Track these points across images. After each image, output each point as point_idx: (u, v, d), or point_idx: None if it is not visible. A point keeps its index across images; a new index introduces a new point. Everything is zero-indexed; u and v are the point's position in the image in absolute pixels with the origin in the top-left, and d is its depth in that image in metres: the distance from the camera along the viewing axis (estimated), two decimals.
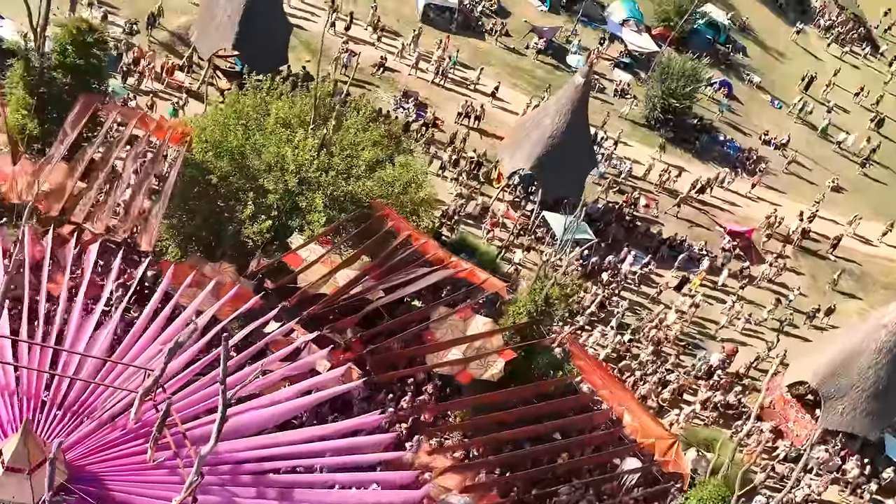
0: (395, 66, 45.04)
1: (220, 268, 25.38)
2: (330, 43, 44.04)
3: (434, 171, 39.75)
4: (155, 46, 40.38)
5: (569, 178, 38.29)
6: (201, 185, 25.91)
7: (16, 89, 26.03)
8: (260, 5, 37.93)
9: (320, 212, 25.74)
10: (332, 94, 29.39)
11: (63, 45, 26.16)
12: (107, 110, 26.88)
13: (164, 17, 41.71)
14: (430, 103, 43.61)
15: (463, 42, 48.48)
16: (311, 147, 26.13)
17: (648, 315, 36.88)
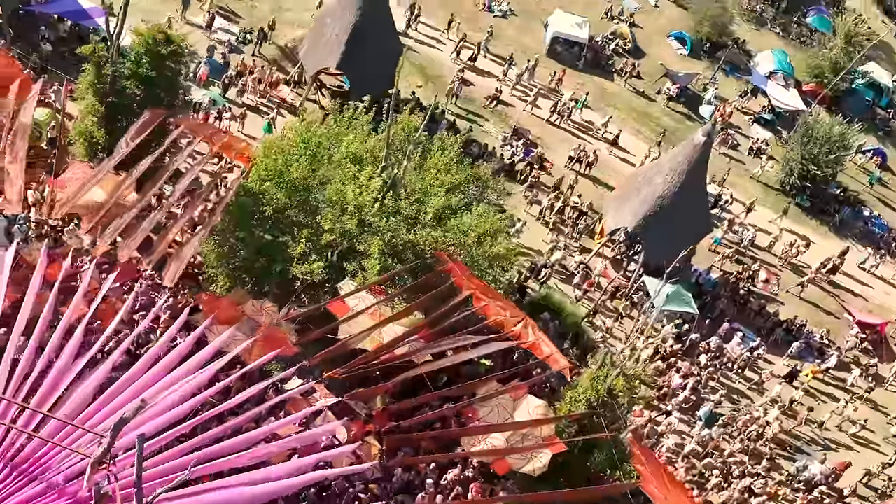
0: (511, 100, 42.55)
1: (261, 306, 23.65)
2: (445, 70, 42.25)
3: (533, 214, 37.12)
4: (260, 59, 39.43)
5: (677, 243, 34.63)
6: (255, 215, 24.24)
7: (86, 95, 25.21)
8: (369, 26, 36.34)
9: (376, 259, 23.59)
10: (417, 129, 27.19)
11: (138, 55, 25.19)
12: (176, 124, 25.78)
13: (277, 31, 40.83)
14: (540, 143, 40.90)
15: (588, 80, 45.50)
16: (373, 189, 24.00)
17: (747, 407, 32.78)
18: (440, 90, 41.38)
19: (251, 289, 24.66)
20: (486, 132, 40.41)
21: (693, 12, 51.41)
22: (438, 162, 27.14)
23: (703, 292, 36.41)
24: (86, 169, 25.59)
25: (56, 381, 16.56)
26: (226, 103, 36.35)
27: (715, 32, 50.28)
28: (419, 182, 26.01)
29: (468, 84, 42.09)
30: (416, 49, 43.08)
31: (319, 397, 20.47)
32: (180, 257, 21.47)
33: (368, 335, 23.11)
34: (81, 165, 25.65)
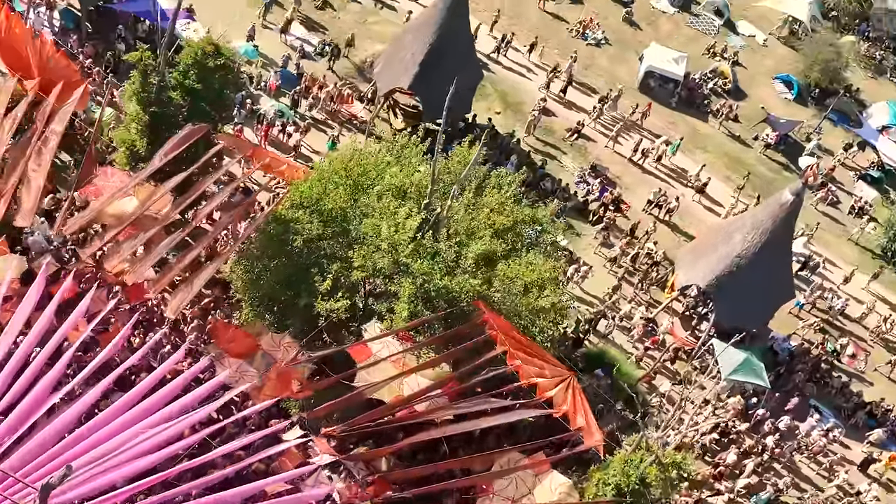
0: (593, 134, 40.29)
1: (280, 341, 22.33)
2: (527, 97, 40.40)
3: (603, 256, 34.89)
4: (333, 74, 38.33)
5: (753, 307, 31.91)
6: (286, 243, 22.90)
7: (130, 102, 24.44)
8: (447, 47, 34.78)
9: (406, 303, 21.92)
10: (474, 163, 25.41)
11: (185, 66, 24.28)
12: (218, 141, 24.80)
13: (357, 45, 39.70)
14: (619, 182, 38.54)
15: (679, 119, 42.83)
16: (410, 228, 22.33)
17: (815, 497, 29.68)
18: (519, 119, 39.55)
19: (274, 320, 23.36)
20: (562, 166, 38.32)
21: (804, 54, 48.00)
22: (492, 200, 25.31)
23: (779, 362, 33.40)
24: (124, 178, 24.81)
25: (25, 413, 15.46)
26: (293, 116, 35.37)
27: (826, 78, 46.75)
28: (466, 222, 24.20)
29: (549, 114, 40.10)
30: (500, 74, 41.35)
31: (318, 452, 18.91)
32: (189, 288, 20.23)
33: (387, 385, 21.55)
34: (120, 174, 24.89)
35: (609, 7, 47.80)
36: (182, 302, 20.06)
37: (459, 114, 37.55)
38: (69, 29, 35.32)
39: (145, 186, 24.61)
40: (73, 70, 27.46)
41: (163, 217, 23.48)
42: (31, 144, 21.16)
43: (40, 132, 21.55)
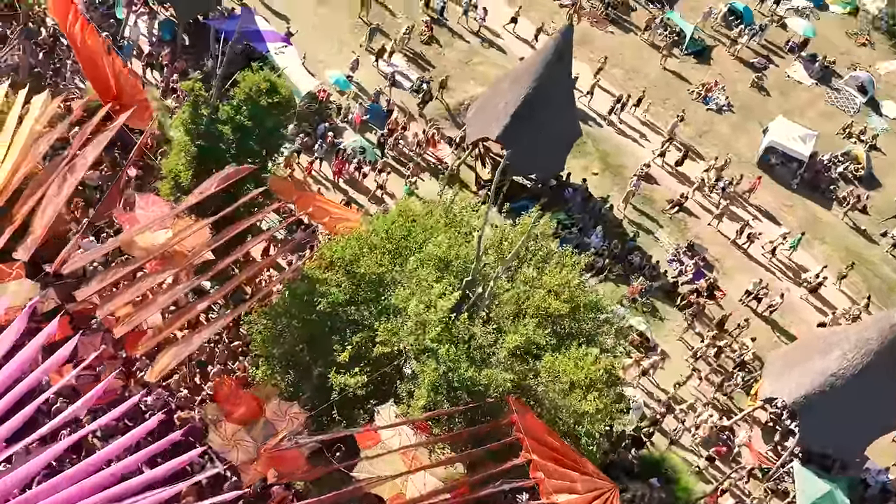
0: (696, 209, 36.95)
1: (287, 410, 20.47)
2: (630, 161, 37.55)
3: (685, 344, 31.69)
4: (424, 114, 36.55)
5: (847, 433, 27.98)
6: (312, 304, 21.05)
7: (178, 131, 23.26)
8: (544, 100, 32.42)
9: (424, 391, 19.69)
10: (530, 239, 23.00)
11: (239, 101, 22.93)
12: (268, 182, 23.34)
13: (449, 89, 37.76)
14: (717, 266, 35.08)
15: (798, 203, 38.85)
16: (443, 308, 20.06)
17: None
18: (618, 183, 36.70)
19: (289, 384, 21.54)
20: (656, 241, 35.20)
21: None
22: (551, 281, 22.78)
23: (868, 498, 29.24)
24: (164, 208, 23.64)
25: None
26: (374, 154, 33.75)
27: None
28: (512, 305, 21.75)
29: (652, 182, 37.07)
30: (604, 131, 38.64)
31: None
32: (176, 352, 18.49)
33: (391, 480, 19.32)
34: (162, 203, 23.70)
35: (739, 70, 44.25)
36: (170, 364, 18.41)
37: (551, 171, 35.14)
38: (165, 41, 34.99)
39: (183, 220, 23.42)
40: (139, 90, 26.73)
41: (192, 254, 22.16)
42: (57, 169, 20.11)
43: (71, 156, 20.48)
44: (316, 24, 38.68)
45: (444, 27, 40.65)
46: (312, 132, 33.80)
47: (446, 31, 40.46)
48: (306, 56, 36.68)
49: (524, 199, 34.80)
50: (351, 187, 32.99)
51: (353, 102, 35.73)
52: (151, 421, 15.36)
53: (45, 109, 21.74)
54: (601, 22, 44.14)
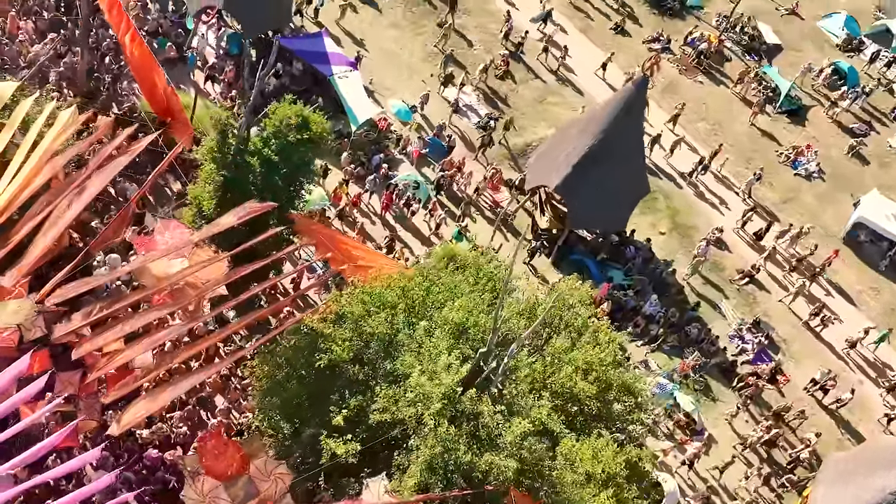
0: (768, 283, 34.15)
1: (273, 470, 19.09)
2: (702, 222, 35.11)
3: (735, 428, 29.18)
4: (482, 154, 34.87)
5: None
6: (312, 358, 19.63)
7: (207, 159, 22.20)
8: (609, 154, 30.38)
9: (415, 470, 18.02)
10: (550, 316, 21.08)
11: (268, 134, 21.77)
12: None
13: (527, 126, 36.06)
14: (784, 349, 32.25)
15: (885, 286, 35.53)
16: (448, 384, 18.31)
17: None
18: (685, 245, 34.27)
19: (282, 440, 20.15)
20: (719, 313, 32.60)
21: None
22: (581, 357, 20.85)
23: None
24: (185, 235, 22.66)
25: None
26: (427, 191, 32.24)
27: None
28: (528, 383, 19.88)
29: (722, 247, 34.50)
30: (678, 188, 36.23)
31: None
32: (148, 405, 17.20)
33: None
34: (182, 230, 22.70)
35: (835, 135, 41.09)
36: (137, 416, 17.20)
37: (612, 227, 33.00)
38: (232, 55, 34.34)
39: (202, 251, 22.39)
40: (180, 107, 25.96)
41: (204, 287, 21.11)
42: (66, 190, 19.29)
43: (83, 178, 19.65)
44: (388, 50, 37.57)
45: (522, 63, 38.94)
46: (367, 162, 32.58)
47: (523, 67, 38.75)
48: (372, 81, 35.60)
49: (581, 252, 32.86)
50: (399, 223, 31.58)
51: (413, 134, 34.37)
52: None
53: (65, 127, 21.00)
54: (690, 70, 41.69)
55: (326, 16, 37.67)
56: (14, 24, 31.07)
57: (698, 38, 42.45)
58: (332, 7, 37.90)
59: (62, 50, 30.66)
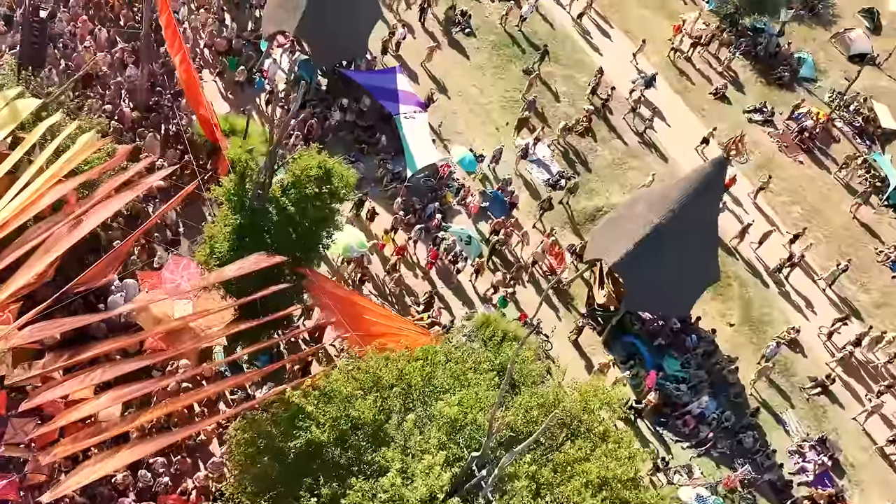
0: (843, 396, 30.70)
1: None
2: (778, 316, 32.03)
3: None
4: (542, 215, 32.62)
5: None
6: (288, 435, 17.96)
7: (224, 200, 20.90)
8: (678, 234, 27.79)
9: None
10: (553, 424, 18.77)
11: (288, 183, 20.34)
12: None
13: (590, 190, 33.75)
14: (850, 474, 28.76)
15: None
16: (425, 490, 16.30)
17: None
18: (755, 341, 31.19)
19: None
20: (781, 425, 29.35)
21: None
22: (596, 471, 18.53)
23: None
24: (194, 276, 21.50)
25: None
26: (479, 250, 30.22)
27: None
28: (524, 497, 17.66)
29: (796, 349, 31.24)
30: (749, 277, 33.12)
31: None
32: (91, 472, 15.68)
33: None
34: (193, 270, 21.58)
35: None
36: (82, 482, 15.72)
37: (674, 312, 30.27)
38: (301, 82, 33.17)
39: (209, 296, 21.20)
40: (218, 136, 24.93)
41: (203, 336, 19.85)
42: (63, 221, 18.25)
43: (80, 211, 18.59)
44: (466, 92, 35.90)
45: (606, 120, 36.64)
46: (421, 210, 30.87)
47: (605, 126, 36.44)
48: (442, 124, 33.98)
49: (636, 335, 30.25)
50: (442, 280, 29.72)
51: (475, 186, 32.51)
52: None
53: (82, 149, 20.07)
54: (792, 147, 38.47)
55: (408, 50, 36.30)
56: (86, 31, 30.86)
57: (805, 114, 39.22)
58: (415, 44, 36.53)
59: (129, 61, 30.25)
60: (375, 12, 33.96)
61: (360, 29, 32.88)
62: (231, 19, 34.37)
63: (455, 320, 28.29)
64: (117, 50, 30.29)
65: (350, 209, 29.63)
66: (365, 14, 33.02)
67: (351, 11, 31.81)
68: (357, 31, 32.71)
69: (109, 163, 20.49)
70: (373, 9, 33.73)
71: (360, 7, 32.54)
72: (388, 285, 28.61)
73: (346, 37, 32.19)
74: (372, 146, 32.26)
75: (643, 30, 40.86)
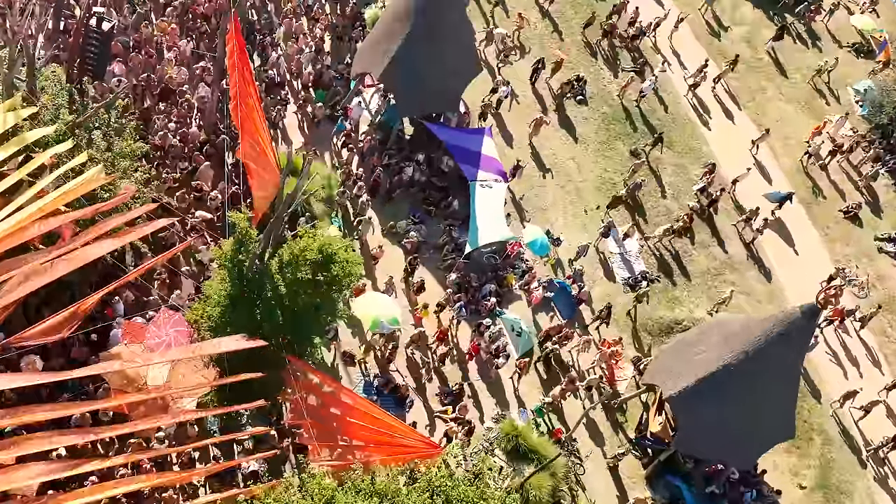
0: None
1: None
2: (856, 484, 27.66)
3: None
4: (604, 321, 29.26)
5: None
6: None
7: (220, 263, 19.02)
8: (751, 375, 24.08)
9: None
10: None
11: (287, 261, 18.26)
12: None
13: (673, 299, 30.16)
14: None
15: None
16: None
17: None
18: None
19: None
20: None
21: None
22: None
23: None
24: (181, 338, 19.75)
25: None
26: (529, 345, 27.26)
27: None
28: None
29: None
30: (836, 434, 28.71)
31: None
32: None
33: None
34: (182, 331, 19.82)
35: None
36: None
37: (737, 462, 26.34)
38: (385, 127, 31.25)
39: (185, 367, 19.44)
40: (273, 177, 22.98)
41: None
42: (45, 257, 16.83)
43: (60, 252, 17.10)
44: (561, 165, 33.03)
45: (709, 221, 32.90)
46: (476, 289, 28.23)
47: (707, 229, 32.70)
48: (524, 197, 31.28)
49: (685, 478, 26.57)
50: (479, 370, 26.93)
51: (544, 272, 29.57)
52: None
53: (85, 183, 18.69)
54: None
55: (510, 111, 33.76)
56: (174, 41, 30.00)
57: None
58: (518, 106, 33.98)
59: (208, 79, 29.11)
60: (474, 66, 31.56)
61: (454, 82, 30.60)
62: (328, 51, 32.78)
63: (482, 418, 25.62)
64: (198, 66, 29.21)
65: (401, 276, 27.54)
66: (462, 66, 30.74)
67: (446, 62, 29.57)
68: (450, 84, 30.43)
69: (112, 202, 19.00)
70: (471, 62, 31.37)
71: (457, 59, 30.27)
72: (420, 367, 26.19)
73: (437, 88, 29.87)
74: (441, 209, 29.88)
75: (778, 124, 36.80)
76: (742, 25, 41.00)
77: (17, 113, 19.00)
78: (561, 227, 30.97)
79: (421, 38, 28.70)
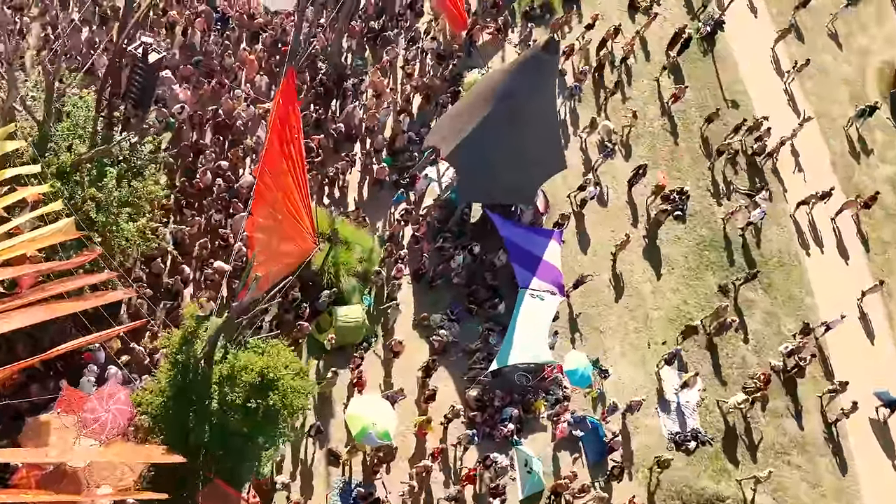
0: None
1: None
2: None
3: None
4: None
5: None
6: None
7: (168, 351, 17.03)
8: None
9: None
10: None
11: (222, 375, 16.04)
12: None
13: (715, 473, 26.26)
14: None
15: None
16: None
17: None
18: None
19: None
20: None
21: None
22: None
23: None
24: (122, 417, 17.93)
25: None
26: (539, 487, 24.07)
27: None
28: None
29: None
30: None
31: None
32: None
33: None
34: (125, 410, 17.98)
35: None
36: None
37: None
38: (450, 205, 28.54)
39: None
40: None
41: None
42: None
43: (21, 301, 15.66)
44: (635, 285, 29.48)
45: (789, 387, 28.54)
46: (497, 410, 25.29)
47: (786, 395, 28.36)
48: (580, 315, 28.04)
49: None
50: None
51: (581, 405, 26.27)
52: None
53: (50, 235, 17.15)
54: None
55: (595, 213, 30.51)
56: (251, 76, 28.62)
57: None
58: (605, 210, 30.78)
59: None
60: (558, 161, 28.61)
61: (532, 174, 27.75)
62: (412, 111, 30.50)
63: None
64: (263, 107, 27.67)
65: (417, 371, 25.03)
66: (544, 159, 27.88)
67: (524, 152, 26.70)
68: (525, 176, 27.55)
69: (73, 261, 17.38)
70: (556, 155, 28.43)
71: (539, 150, 27.35)
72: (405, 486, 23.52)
73: (509, 178, 26.91)
74: (484, 310, 27.06)
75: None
76: (892, 165, 36.16)
77: (2, 144, 17.70)
78: (616, 357, 27.58)
79: (500, 124, 26.05)
